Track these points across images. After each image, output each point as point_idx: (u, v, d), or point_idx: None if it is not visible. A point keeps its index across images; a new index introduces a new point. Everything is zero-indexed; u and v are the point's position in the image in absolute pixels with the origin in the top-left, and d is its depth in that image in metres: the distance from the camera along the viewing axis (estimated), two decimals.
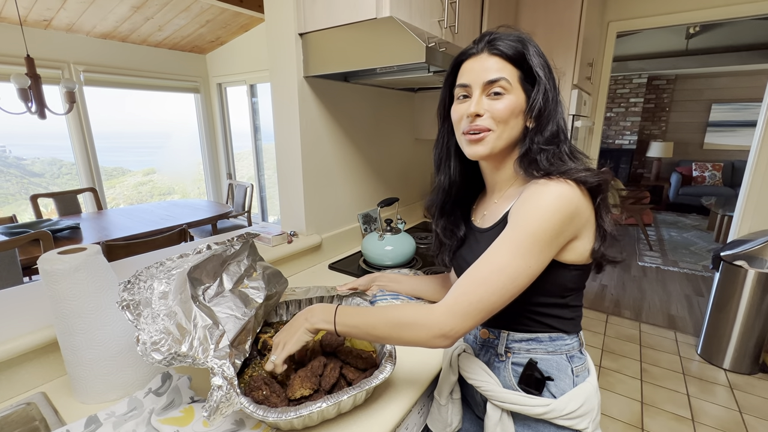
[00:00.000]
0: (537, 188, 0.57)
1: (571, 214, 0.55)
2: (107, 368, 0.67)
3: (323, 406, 0.58)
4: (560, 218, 0.54)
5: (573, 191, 0.55)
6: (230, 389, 0.55)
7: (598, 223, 0.61)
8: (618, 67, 5.75)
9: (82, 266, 0.64)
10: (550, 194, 0.55)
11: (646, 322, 2.69)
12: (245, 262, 0.84)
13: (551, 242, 0.55)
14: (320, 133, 1.32)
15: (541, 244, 0.54)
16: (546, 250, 0.55)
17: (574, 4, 1.83)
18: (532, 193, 0.57)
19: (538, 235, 0.54)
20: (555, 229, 0.54)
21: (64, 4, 3.11)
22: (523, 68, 0.61)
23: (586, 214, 0.58)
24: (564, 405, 0.61)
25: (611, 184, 0.61)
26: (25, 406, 0.67)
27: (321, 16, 1.11)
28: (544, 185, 0.56)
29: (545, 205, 0.54)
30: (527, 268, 0.55)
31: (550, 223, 0.54)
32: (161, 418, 0.62)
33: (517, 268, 0.54)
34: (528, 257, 0.54)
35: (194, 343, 0.60)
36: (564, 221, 0.55)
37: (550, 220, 0.54)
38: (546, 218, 0.54)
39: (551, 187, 0.55)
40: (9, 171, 4.45)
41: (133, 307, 0.60)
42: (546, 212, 0.54)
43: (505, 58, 0.61)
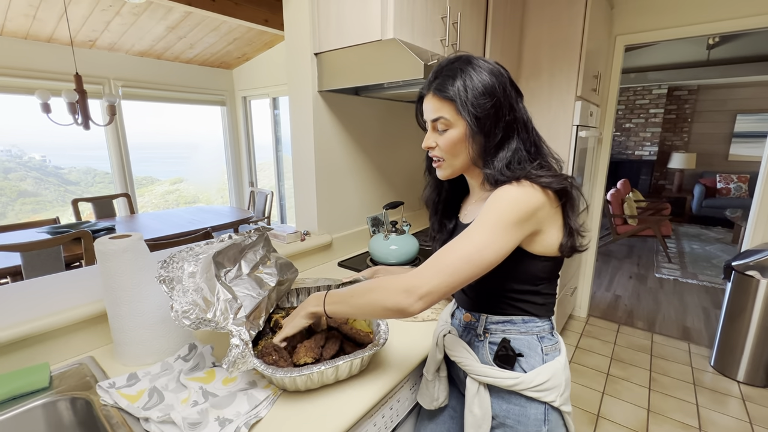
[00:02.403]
0: (502, 188, 0.66)
1: (532, 208, 0.64)
2: (145, 336, 0.80)
3: (322, 368, 0.68)
4: (520, 208, 0.63)
5: (533, 191, 0.64)
6: (245, 349, 0.66)
7: (565, 221, 0.69)
8: (637, 78, 5.73)
9: (128, 248, 0.77)
10: (512, 191, 0.64)
11: (659, 333, 2.67)
12: (260, 252, 0.96)
13: (514, 227, 0.63)
14: (332, 142, 1.45)
15: (503, 225, 0.62)
16: (510, 233, 0.63)
17: (577, 20, 1.91)
18: (498, 191, 0.66)
19: (501, 216, 0.62)
20: (516, 216, 0.63)
21: (107, 26, 3.42)
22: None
23: (546, 211, 0.66)
24: (532, 378, 0.69)
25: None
26: (78, 365, 0.81)
27: (333, 38, 1.25)
28: (508, 186, 0.65)
29: (507, 197, 0.64)
30: (491, 243, 0.62)
31: (510, 208, 0.63)
32: (188, 377, 0.74)
33: (482, 239, 0.62)
34: (492, 234, 0.62)
35: (217, 312, 0.72)
36: (525, 211, 0.63)
37: (510, 206, 0.63)
38: (507, 206, 0.63)
39: (513, 186, 0.65)
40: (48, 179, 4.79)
41: (168, 281, 0.72)
42: (507, 202, 0.63)
43: (441, 97, 0.69)
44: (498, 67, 0.70)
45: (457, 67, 0.69)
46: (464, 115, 0.67)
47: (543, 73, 2.07)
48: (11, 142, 4.33)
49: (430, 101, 0.72)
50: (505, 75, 0.69)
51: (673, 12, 2.27)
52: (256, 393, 0.70)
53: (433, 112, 0.71)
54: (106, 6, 3.11)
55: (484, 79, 0.67)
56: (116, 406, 0.67)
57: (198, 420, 0.61)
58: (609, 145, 2.65)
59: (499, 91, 0.67)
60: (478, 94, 0.66)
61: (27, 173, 4.61)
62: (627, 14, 2.41)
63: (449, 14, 1.35)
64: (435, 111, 0.71)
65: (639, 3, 2.36)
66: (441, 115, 0.70)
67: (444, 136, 0.71)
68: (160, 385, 0.71)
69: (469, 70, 0.67)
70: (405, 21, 1.17)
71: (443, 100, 0.69)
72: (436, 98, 0.70)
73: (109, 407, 0.68)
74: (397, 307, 0.64)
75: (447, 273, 0.62)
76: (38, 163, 4.71)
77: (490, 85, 0.67)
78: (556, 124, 2.08)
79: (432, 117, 0.71)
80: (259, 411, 0.66)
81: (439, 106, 0.70)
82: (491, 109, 0.66)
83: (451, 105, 0.68)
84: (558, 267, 0.74)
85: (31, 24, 3.16)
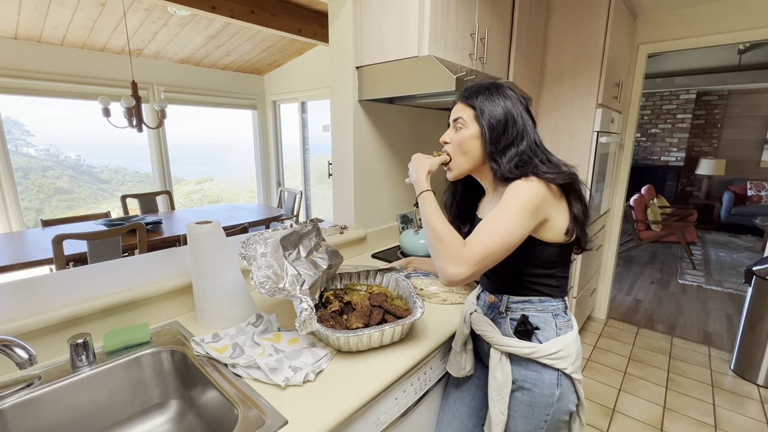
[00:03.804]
0: (515, 183, 0.79)
1: (541, 199, 0.76)
2: (223, 304, 0.97)
3: (371, 332, 0.83)
4: (534, 197, 0.76)
5: (540, 185, 0.77)
6: (312, 312, 0.82)
7: (570, 209, 0.82)
8: (664, 83, 5.67)
9: (212, 231, 0.94)
10: (524, 185, 0.77)
11: (679, 337, 2.70)
12: (314, 240, 1.12)
13: (531, 213, 0.76)
14: (368, 145, 1.61)
15: (523, 211, 0.75)
16: (528, 219, 0.75)
17: (599, 30, 2.01)
18: (512, 185, 0.79)
19: (520, 204, 0.75)
20: (532, 204, 0.75)
21: (154, 36, 3.71)
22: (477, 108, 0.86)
23: (550, 201, 0.78)
24: (546, 348, 0.82)
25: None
26: (169, 326, 0.99)
27: (374, 54, 1.41)
28: (519, 181, 0.78)
29: (521, 189, 0.77)
30: (517, 227, 0.74)
31: (527, 197, 0.75)
32: (261, 337, 0.90)
33: (510, 223, 0.73)
34: (516, 218, 0.74)
35: (286, 284, 0.88)
36: (537, 200, 0.76)
37: (526, 196, 0.76)
38: (523, 196, 0.76)
39: (523, 181, 0.78)
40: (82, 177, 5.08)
41: (248, 258, 0.89)
42: (523, 193, 0.76)
43: (466, 104, 0.87)
44: (518, 96, 0.87)
45: (486, 87, 0.87)
46: (480, 120, 0.84)
47: (565, 82, 2.17)
48: (49, 141, 4.66)
49: (458, 106, 0.90)
50: (523, 103, 0.86)
51: (698, 22, 2.33)
52: (318, 351, 0.85)
53: (456, 113, 0.89)
54: (156, 18, 3.39)
55: (503, 100, 0.84)
56: (208, 356, 0.84)
57: (276, 366, 0.77)
58: (631, 150, 2.71)
59: (512, 111, 0.83)
60: (494, 107, 0.83)
61: (63, 171, 4.94)
62: (650, 24, 2.47)
63: (477, 30, 1.49)
64: (457, 113, 0.88)
65: (662, 15, 2.43)
66: (460, 116, 0.87)
67: (458, 133, 0.87)
68: (240, 342, 0.88)
69: (494, 91, 0.85)
70: (439, 38, 1.31)
71: (466, 106, 0.88)
72: (461, 104, 0.89)
73: (201, 357, 0.85)
74: (442, 271, 0.74)
75: (488, 257, 0.73)
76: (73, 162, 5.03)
77: (507, 106, 0.83)
78: (577, 130, 2.18)
79: (453, 117, 0.89)
80: (321, 363, 0.82)
81: (462, 110, 0.88)
82: (503, 123, 0.82)
83: (471, 111, 0.86)
84: (568, 252, 0.86)
85: (88, 35, 3.47)
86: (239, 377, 0.78)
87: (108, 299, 0.91)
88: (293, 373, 0.76)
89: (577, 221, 0.82)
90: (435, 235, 0.77)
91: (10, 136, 4.35)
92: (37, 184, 4.50)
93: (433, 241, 0.77)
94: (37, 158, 4.57)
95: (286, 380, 0.74)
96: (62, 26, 3.29)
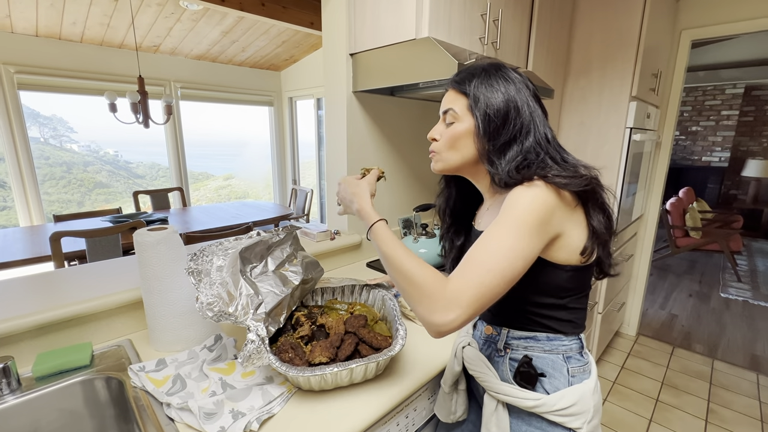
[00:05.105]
0: (516, 189, 0.60)
1: (550, 209, 0.58)
2: (175, 324, 0.84)
3: (336, 370, 0.68)
4: (540, 207, 0.57)
5: (548, 191, 0.58)
6: (261, 345, 0.67)
7: (589, 222, 0.63)
8: (707, 76, 5.20)
9: (163, 240, 0.82)
10: (527, 193, 0.58)
11: (721, 360, 2.40)
12: (288, 250, 0.98)
13: (538, 230, 0.57)
14: (365, 142, 1.45)
15: (527, 228, 0.56)
16: (535, 237, 0.57)
17: (635, 13, 1.77)
18: (512, 194, 0.60)
19: (523, 218, 0.57)
20: (538, 216, 0.57)
21: (169, 32, 3.69)
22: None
23: (563, 212, 0.60)
24: (555, 401, 0.64)
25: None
26: (116, 347, 0.87)
27: (369, 38, 1.25)
28: (520, 187, 0.60)
29: (522, 199, 0.58)
30: (520, 250, 0.56)
31: (531, 208, 0.57)
32: (211, 367, 0.77)
33: (511, 247, 0.55)
34: (517, 238, 0.56)
35: (238, 307, 0.74)
36: (545, 211, 0.57)
37: (530, 206, 0.57)
38: (526, 207, 0.57)
39: (525, 187, 0.59)
40: (119, 172, 5.32)
41: (197, 274, 0.75)
42: (526, 203, 0.58)
43: (459, 92, 0.69)
44: (524, 79, 0.69)
45: (483, 68, 0.69)
46: (474, 111, 0.66)
47: (593, 72, 1.94)
48: (90, 138, 4.85)
49: (449, 94, 0.72)
50: (530, 88, 0.68)
51: (751, 3, 2.03)
52: (271, 389, 0.71)
53: (446, 103, 0.71)
54: (169, 13, 3.35)
55: (504, 84, 0.66)
56: (143, 388, 0.71)
57: (213, 411, 0.63)
58: (669, 149, 2.42)
59: (516, 99, 0.65)
60: (492, 94, 0.65)
61: (102, 166, 5.14)
62: (695, 6, 2.18)
63: (489, 11, 1.30)
64: (447, 103, 0.71)
65: None
66: (451, 107, 0.70)
67: (450, 128, 0.70)
68: (184, 373, 0.75)
69: (492, 73, 0.67)
70: (441, 19, 1.14)
71: (458, 94, 0.70)
72: (452, 91, 0.71)
73: (137, 389, 0.72)
74: (425, 321, 0.56)
75: (484, 295, 0.54)
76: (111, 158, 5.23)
77: (509, 92, 0.65)
78: (606, 126, 1.94)
79: (443, 108, 0.72)
80: (273, 407, 0.67)
81: (453, 99, 0.70)
82: (503, 113, 0.65)
83: (464, 100, 0.68)
84: (585, 277, 0.67)
85: (105, 32, 3.48)
86: (172, 420, 0.65)
87: (41, 316, 0.80)
88: (232, 421, 0.62)
89: (597, 237, 0.63)
90: (404, 276, 0.59)
91: (55, 132, 4.54)
92: (79, 178, 4.73)
93: (404, 284, 0.59)
94: (80, 154, 4.80)
95: (221, 431, 0.60)
96: (79, 23, 3.31)
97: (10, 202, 3.58)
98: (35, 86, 3.43)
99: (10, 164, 3.36)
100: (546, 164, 0.63)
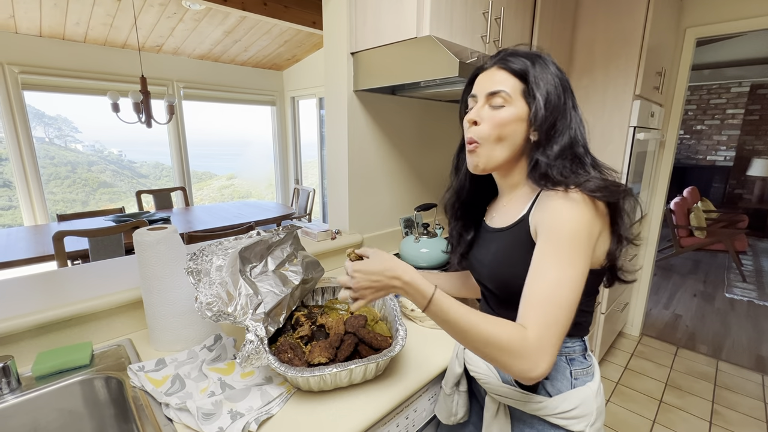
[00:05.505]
0: (557, 201, 0.58)
1: (592, 224, 0.57)
2: (175, 324, 0.84)
3: (335, 370, 0.67)
4: (585, 227, 0.56)
5: (588, 206, 0.57)
6: (260, 345, 0.67)
7: (613, 228, 0.62)
8: (712, 74, 5.16)
9: (163, 240, 0.81)
10: (570, 211, 0.57)
11: (726, 361, 2.38)
12: (288, 249, 0.97)
13: (587, 248, 0.56)
14: (366, 142, 1.44)
15: (581, 251, 0.55)
16: (587, 256, 0.56)
17: (638, 12, 1.75)
18: (554, 205, 0.58)
19: (575, 243, 0.55)
20: (586, 236, 0.56)
21: (172, 32, 3.70)
22: (528, 82, 0.63)
23: (599, 223, 0.59)
24: (557, 404, 0.63)
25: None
26: (116, 347, 0.87)
27: (370, 37, 1.24)
28: (563, 197, 0.58)
29: (569, 219, 0.56)
30: (580, 275, 0.55)
31: (578, 228, 0.56)
32: (210, 367, 0.76)
33: (572, 278, 0.54)
34: (576, 265, 0.55)
35: (237, 307, 0.73)
36: (590, 229, 0.57)
37: (577, 227, 0.56)
38: (574, 228, 0.56)
39: (566, 202, 0.57)
40: (123, 172, 5.35)
41: (196, 273, 0.75)
42: (572, 223, 0.56)
43: (510, 72, 0.63)
44: (563, 74, 0.66)
45: (535, 54, 0.65)
46: (536, 95, 0.61)
47: (596, 70, 1.92)
48: (95, 138, 4.88)
49: (492, 74, 0.65)
50: (569, 84, 0.66)
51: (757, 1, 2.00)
52: (270, 389, 0.70)
53: (493, 84, 0.64)
54: (171, 13, 3.36)
55: (559, 74, 0.63)
56: (143, 388, 0.71)
57: (212, 411, 0.63)
58: (673, 148, 2.40)
59: (566, 86, 0.64)
60: (551, 83, 0.62)
61: (106, 166, 5.17)
62: (700, 3, 2.16)
63: (491, 9, 1.29)
64: (496, 83, 0.64)
65: None
66: (502, 89, 0.63)
67: (497, 112, 0.63)
68: (183, 373, 0.75)
69: (547, 61, 0.64)
70: (443, 17, 1.13)
71: (509, 75, 0.63)
72: (501, 71, 0.64)
73: (136, 389, 0.72)
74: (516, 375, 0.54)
75: (561, 334, 0.53)
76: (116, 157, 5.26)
77: (563, 83, 0.63)
78: (610, 125, 1.92)
79: (490, 89, 0.64)
80: (271, 408, 0.67)
81: (502, 80, 0.63)
82: (560, 103, 0.62)
83: (516, 82, 0.63)
84: (598, 281, 0.66)
85: (108, 32, 3.49)
86: (171, 421, 0.64)
87: (41, 315, 0.80)
88: (231, 422, 0.62)
89: (620, 244, 0.62)
90: (482, 341, 0.54)
91: (60, 132, 4.57)
92: (83, 178, 4.76)
93: (484, 348, 0.54)
94: (84, 153, 4.82)
95: (219, 431, 0.60)
96: (83, 23, 3.32)
97: (14, 202, 3.60)
98: (39, 86, 3.45)
99: (14, 164, 3.38)
100: (585, 163, 0.62)
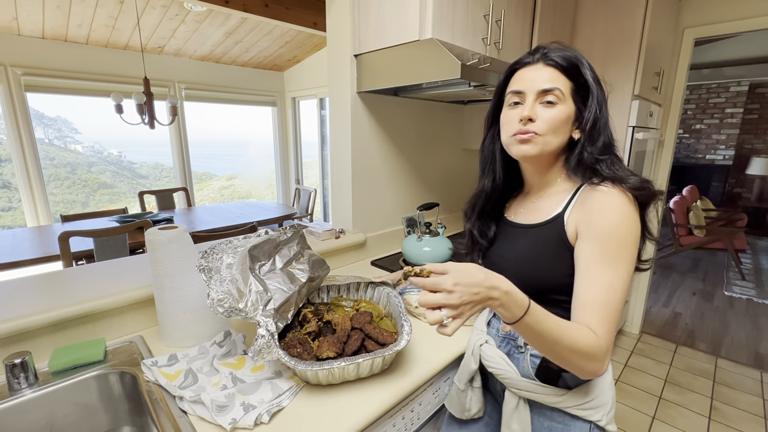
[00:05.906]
0: (602, 197, 0.60)
1: (637, 222, 0.60)
2: (186, 320, 0.86)
3: (343, 364, 0.69)
4: (632, 226, 0.59)
5: (630, 204, 0.60)
6: (271, 340, 0.69)
7: (644, 223, 0.64)
8: (711, 74, 5.18)
9: (174, 239, 0.84)
10: (618, 210, 0.59)
11: (725, 358, 2.40)
12: (295, 248, 0.99)
13: (636, 245, 0.59)
14: (369, 142, 1.47)
15: (630, 249, 0.58)
16: (633, 254, 0.59)
17: (637, 13, 1.77)
18: (602, 205, 0.60)
19: (626, 240, 0.58)
20: (633, 235, 0.58)
21: (174, 33, 3.72)
22: (576, 81, 0.65)
23: (639, 221, 0.62)
24: (577, 396, 0.65)
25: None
26: (128, 343, 0.89)
27: (373, 39, 1.26)
28: (608, 193, 0.60)
29: (618, 217, 0.58)
30: (630, 275, 0.58)
31: (630, 226, 0.58)
32: (221, 362, 0.79)
33: (625, 279, 0.58)
34: (628, 266, 0.58)
35: (248, 303, 0.75)
36: (635, 227, 0.59)
37: (628, 224, 0.58)
38: (625, 225, 0.58)
39: (616, 193, 0.60)
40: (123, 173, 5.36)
41: (207, 271, 0.77)
42: (623, 219, 0.58)
43: (560, 69, 0.64)
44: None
45: (570, 51, 0.66)
46: (591, 92, 0.64)
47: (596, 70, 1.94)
48: (94, 139, 4.90)
49: (539, 70, 0.65)
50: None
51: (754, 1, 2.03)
52: (280, 383, 0.73)
53: (547, 81, 0.64)
54: (173, 15, 3.38)
55: (592, 70, 0.66)
56: (156, 383, 0.73)
57: (225, 403, 0.65)
58: (672, 148, 2.42)
59: (602, 86, 0.66)
60: (595, 78, 0.64)
61: (106, 167, 5.19)
62: (698, 4, 2.18)
63: (492, 11, 1.31)
64: (550, 80, 0.64)
65: None
66: (557, 86, 0.63)
67: (551, 109, 0.64)
68: (196, 368, 0.77)
69: (582, 57, 0.66)
70: (444, 20, 1.15)
71: (560, 73, 0.64)
72: (549, 68, 0.65)
73: (150, 383, 0.74)
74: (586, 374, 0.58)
75: (614, 327, 0.57)
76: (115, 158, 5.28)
77: (598, 77, 0.65)
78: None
79: (543, 86, 0.64)
80: (282, 400, 0.69)
81: (554, 78, 0.64)
82: (602, 97, 0.65)
83: (566, 80, 0.65)
84: None
85: (110, 33, 3.51)
86: (185, 413, 0.67)
87: (56, 312, 0.82)
88: (243, 413, 0.64)
89: (644, 242, 0.64)
90: (568, 348, 0.55)
91: (59, 133, 4.59)
92: (83, 179, 4.78)
93: (568, 354, 0.55)
94: (84, 154, 4.84)
95: (233, 422, 0.62)
96: (85, 25, 3.34)
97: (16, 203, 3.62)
98: (42, 88, 3.47)
99: (17, 165, 3.40)
100: (621, 160, 0.65)
